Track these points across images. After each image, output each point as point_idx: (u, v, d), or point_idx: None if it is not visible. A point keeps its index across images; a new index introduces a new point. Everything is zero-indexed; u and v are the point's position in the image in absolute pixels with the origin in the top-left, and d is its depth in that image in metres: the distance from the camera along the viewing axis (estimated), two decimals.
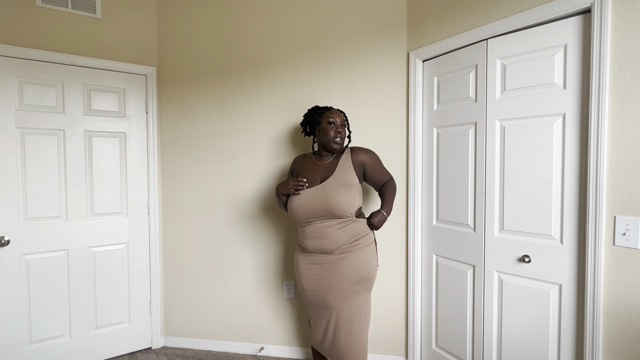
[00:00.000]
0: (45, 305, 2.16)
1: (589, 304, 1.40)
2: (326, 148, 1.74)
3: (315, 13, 2.21)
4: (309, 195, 1.67)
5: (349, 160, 1.72)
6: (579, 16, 1.43)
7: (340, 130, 1.71)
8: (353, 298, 1.67)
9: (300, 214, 1.69)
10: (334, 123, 1.72)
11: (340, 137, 1.71)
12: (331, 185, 1.66)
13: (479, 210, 1.77)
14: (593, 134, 1.37)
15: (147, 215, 2.47)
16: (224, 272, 2.46)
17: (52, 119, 2.15)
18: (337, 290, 1.66)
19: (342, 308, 1.67)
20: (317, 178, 1.72)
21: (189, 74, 2.44)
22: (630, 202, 1.30)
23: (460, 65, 1.83)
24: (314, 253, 1.72)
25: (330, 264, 1.68)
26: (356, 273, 1.66)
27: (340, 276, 1.66)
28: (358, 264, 1.67)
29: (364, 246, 1.70)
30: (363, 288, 1.69)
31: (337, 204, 1.62)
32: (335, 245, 1.66)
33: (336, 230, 1.66)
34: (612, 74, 1.33)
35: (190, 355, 2.42)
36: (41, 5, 2.09)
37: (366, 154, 1.75)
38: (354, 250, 1.67)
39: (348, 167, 1.70)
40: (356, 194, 1.67)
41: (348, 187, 1.66)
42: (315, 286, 1.72)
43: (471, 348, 1.85)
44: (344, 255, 1.67)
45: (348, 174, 1.69)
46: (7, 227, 2.05)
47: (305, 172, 1.78)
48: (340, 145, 1.73)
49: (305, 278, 1.75)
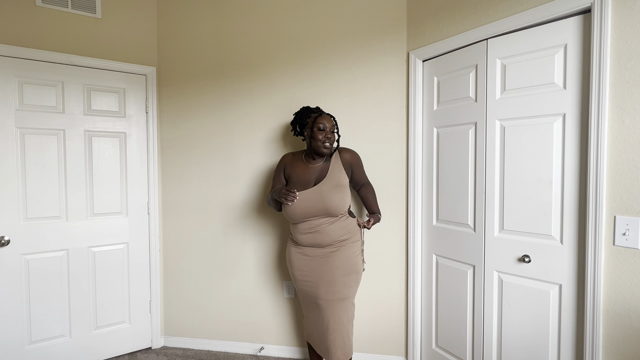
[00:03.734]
0: (45, 305, 2.16)
1: (589, 304, 1.40)
2: (316, 152, 1.81)
3: (315, 13, 2.21)
4: (306, 197, 1.75)
5: (339, 161, 1.83)
6: (579, 16, 1.43)
7: (329, 136, 1.79)
8: (343, 291, 1.77)
9: (297, 214, 1.76)
10: (324, 129, 1.78)
11: (329, 142, 1.80)
12: (327, 187, 1.75)
13: (479, 210, 1.77)
14: (593, 134, 1.37)
15: (147, 215, 2.47)
16: (224, 272, 2.46)
17: (52, 119, 2.15)
18: (328, 282, 1.76)
19: (332, 300, 1.76)
20: (311, 180, 1.82)
21: (189, 74, 2.44)
22: (630, 202, 1.30)
23: (461, 65, 1.83)
24: (307, 246, 1.82)
25: (323, 257, 1.78)
26: (347, 265, 1.78)
27: (332, 268, 1.76)
28: (349, 257, 1.79)
29: (354, 242, 1.82)
30: (352, 281, 1.80)
31: (333, 204, 1.72)
32: (329, 240, 1.77)
33: (330, 226, 1.76)
34: (612, 74, 1.33)
35: (190, 355, 2.42)
36: (41, 5, 2.09)
37: (352, 154, 1.87)
38: (345, 245, 1.79)
39: (339, 168, 1.81)
40: (348, 193, 1.79)
41: (341, 187, 1.77)
42: (308, 277, 1.82)
43: (471, 348, 1.85)
44: (335, 249, 1.78)
45: (340, 174, 1.80)
46: (7, 227, 2.05)
47: (297, 173, 1.86)
48: (330, 149, 1.80)
49: (297, 269, 1.85)
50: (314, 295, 1.80)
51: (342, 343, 1.77)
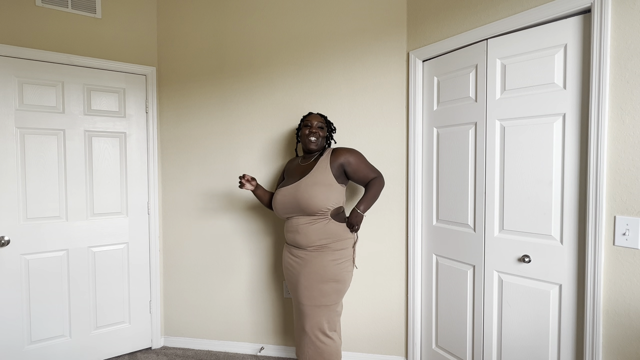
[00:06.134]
0: (45, 305, 2.16)
1: (589, 304, 1.40)
2: (304, 149, 1.84)
3: (315, 13, 2.21)
4: (286, 192, 1.77)
5: (327, 160, 1.77)
6: (579, 16, 1.43)
7: (314, 131, 1.80)
8: (320, 298, 1.71)
9: (277, 209, 1.80)
10: (309, 125, 1.82)
11: (314, 137, 1.79)
12: (305, 184, 1.72)
13: (479, 210, 1.77)
14: (593, 134, 1.37)
15: (147, 215, 2.47)
16: (224, 272, 2.46)
17: (52, 119, 2.15)
18: (305, 287, 1.73)
19: (308, 305, 1.72)
20: (297, 177, 1.81)
21: (189, 74, 2.44)
22: (630, 202, 1.30)
23: (460, 65, 1.83)
24: (292, 246, 1.82)
25: (304, 258, 1.75)
26: (323, 272, 1.70)
27: (309, 274, 1.72)
28: (326, 264, 1.71)
29: (337, 249, 1.73)
30: (332, 290, 1.72)
31: (306, 201, 1.68)
32: (307, 241, 1.73)
33: (308, 226, 1.72)
34: (612, 74, 1.33)
35: (190, 355, 2.42)
36: (41, 5, 2.09)
37: (346, 154, 1.77)
38: (324, 250, 1.72)
39: (324, 167, 1.75)
40: (332, 193, 1.71)
41: (322, 185, 1.70)
42: (291, 277, 1.82)
43: (471, 348, 1.85)
44: (316, 253, 1.72)
45: (323, 173, 1.73)
46: (7, 227, 2.05)
47: (290, 171, 1.90)
48: (315, 144, 1.80)
49: (284, 267, 1.88)
50: (295, 297, 1.79)
51: (319, 355, 1.72)
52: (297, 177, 1.81)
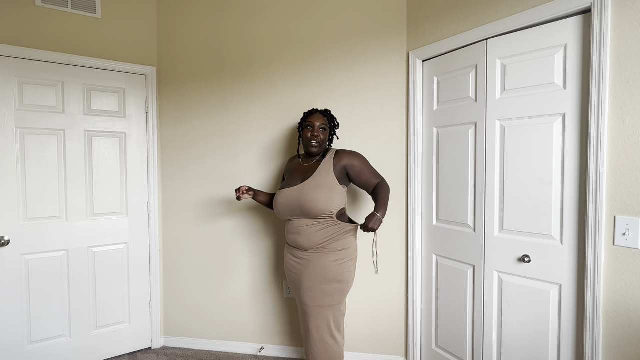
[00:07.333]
0: (45, 305, 2.16)
1: (589, 304, 1.40)
2: (306, 151, 1.82)
3: (315, 13, 2.21)
4: (289, 194, 1.74)
5: (330, 162, 1.75)
6: (579, 16, 1.43)
7: (316, 134, 1.76)
8: (323, 298, 1.71)
9: (279, 210, 1.78)
10: (311, 127, 1.78)
11: (316, 140, 1.77)
12: (308, 187, 1.70)
13: (479, 210, 1.77)
14: (593, 134, 1.37)
15: (147, 215, 2.47)
16: (224, 272, 2.46)
17: (52, 119, 2.15)
18: (307, 288, 1.73)
19: (312, 306, 1.72)
20: (299, 179, 1.78)
21: (189, 74, 2.44)
22: (630, 202, 1.30)
23: (460, 65, 1.83)
24: (293, 247, 1.80)
25: (305, 259, 1.74)
26: (325, 273, 1.70)
27: (311, 275, 1.71)
28: (328, 264, 1.70)
29: (338, 250, 1.72)
30: (335, 290, 1.72)
31: (310, 204, 1.66)
32: (309, 243, 1.71)
33: (311, 229, 1.71)
34: (612, 74, 1.33)
35: (190, 355, 2.42)
36: (41, 5, 2.09)
37: (350, 157, 1.75)
38: (326, 251, 1.71)
39: (327, 170, 1.73)
40: (335, 196, 1.69)
41: (325, 188, 1.68)
42: (293, 278, 1.81)
43: (471, 348, 1.85)
44: (318, 254, 1.72)
45: (326, 176, 1.71)
46: (7, 227, 2.05)
47: (291, 172, 1.87)
48: (317, 148, 1.78)
49: (286, 268, 1.87)
50: (298, 298, 1.79)
51: (323, 353, 1.72)
52: (298, 178, 1.79)
